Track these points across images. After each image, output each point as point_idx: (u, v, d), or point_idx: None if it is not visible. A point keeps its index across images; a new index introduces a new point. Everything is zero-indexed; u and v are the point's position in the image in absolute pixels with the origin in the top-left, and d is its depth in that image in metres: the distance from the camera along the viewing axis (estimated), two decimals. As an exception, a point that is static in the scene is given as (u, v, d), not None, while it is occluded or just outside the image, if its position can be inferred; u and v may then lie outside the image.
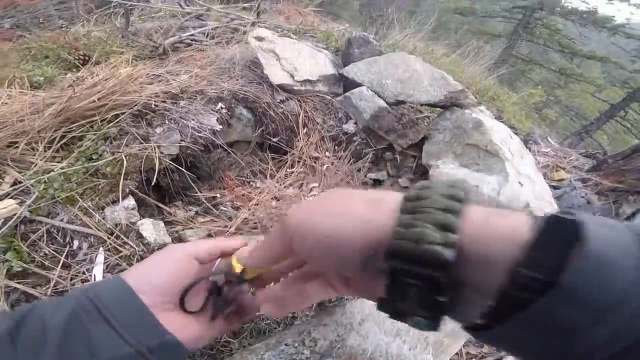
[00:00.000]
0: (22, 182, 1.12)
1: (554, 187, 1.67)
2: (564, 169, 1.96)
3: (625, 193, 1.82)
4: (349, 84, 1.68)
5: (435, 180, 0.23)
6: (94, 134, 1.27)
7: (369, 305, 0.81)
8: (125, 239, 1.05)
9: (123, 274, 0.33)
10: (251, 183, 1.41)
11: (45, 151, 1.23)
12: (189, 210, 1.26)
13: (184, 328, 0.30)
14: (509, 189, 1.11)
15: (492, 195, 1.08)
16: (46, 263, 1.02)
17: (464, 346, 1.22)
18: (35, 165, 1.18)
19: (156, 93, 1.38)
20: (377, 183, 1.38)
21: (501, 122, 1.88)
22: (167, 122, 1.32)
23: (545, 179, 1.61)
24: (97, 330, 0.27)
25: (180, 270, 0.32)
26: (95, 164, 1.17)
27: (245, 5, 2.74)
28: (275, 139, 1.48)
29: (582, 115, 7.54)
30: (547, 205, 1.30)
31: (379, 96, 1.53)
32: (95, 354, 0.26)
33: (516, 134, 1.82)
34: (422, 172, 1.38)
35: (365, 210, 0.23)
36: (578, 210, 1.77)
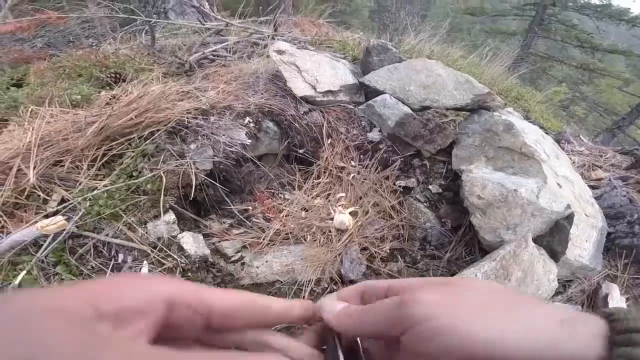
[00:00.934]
0: (69, 200, 1.19)
1: (592, 187, 1.59)
2: (600, 167, 1.87)
3: (668, 189, 1.71)
4: (370, 93, 1.69)
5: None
6: (133, 152, 1.33)
7: None
8: (168, 252, 1.09)
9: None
10: (280, 195, 1.43)
11: (88, 169, 1.31)
12: (224, 223, 1.30)
13: None
14: (548, 191, 1.07)
15: (531, 199, 1.05)
16: (93, 276, 1.07)
17: None
18: (80, 183, 1.25)
19: (188, 110, 1.45)
20: (406, 190, 1.37)
21: (530, 122, 1.83)
22: (200, 138, 1.38)
23: (583, 178, 1.55)
24: None
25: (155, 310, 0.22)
26: (136, 181, 1.23)
27: (262, 19, 2.83)
28: (301, 151, 1.50)
29: (611, 111, 7.19)
30: (588, 206, 1.25)
31: (404, 103, 1.52)
32: None
33: (547, 133, 1.76)
34: (453, 178, 1.36)
35: (559, 331, 0.20)
36: (620, 209, 1.65)
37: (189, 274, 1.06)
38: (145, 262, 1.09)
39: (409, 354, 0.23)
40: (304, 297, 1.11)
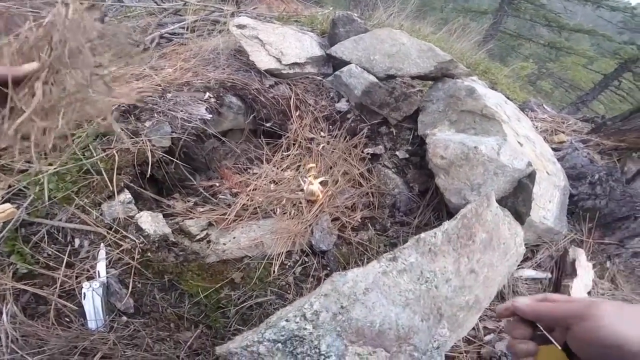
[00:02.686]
0: (15, 186, 1.10)
1: (555, 150, 1.65)
2: (563, 132, 1.94)
3: (628, 151, 1.79)
4: (338, 64, 1.66)
5: None
6: (84, 132, 1.25)
7: (373, 273, 0.75)
8: (125, 233, 1.03)
9: None
10: (248, 170, 1.39)
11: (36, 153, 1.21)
12: (188, 201, 1.25)
13: None
14: (509, 148, 1.09)
15: (492, 156, 1.06)
16: (50, 263, 1.01)
17: (480, 320, 1.20)
18: (28, 168, 1.16)
19: (142, 88, 1.36)
20: (374, 158, 1.36)
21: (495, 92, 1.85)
22: (155, 115, 1.30)
23: (545, 142, 1.59)
24: None
25: None
26: (87, 161, 1.16)
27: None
28: (268, 124, 1.46)
29: (576, 87, 7.51)
30: (549, 164, 1.29)
31: (369, 72, 1.50)
32: None
33: (512, 101, 1.80)
34: (420, 143, 1.36)
35: None
36: (581, 169, 1.69)
37: (149, 254, 1.01)
38: (102, 244, 1.03)
39: (577, 339, 0.33)
40: (273, 271, 1.09)
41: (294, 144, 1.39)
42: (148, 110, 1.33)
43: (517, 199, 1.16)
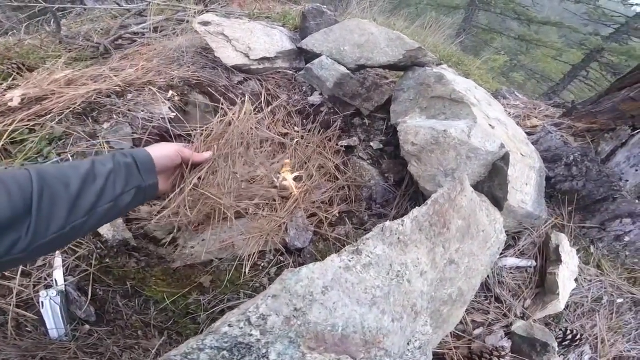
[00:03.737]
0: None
1: (528, 134, 1.66)
2: (536, 117, 1.97)
3: (600, 132, 1.82)
4: (310, 58, 1.62)
5: None
6: (37, 137, 1.16)
7: (333, 269, 0.66)
8: (81, 240, 0.96)
9: (146, 148, 0.71)
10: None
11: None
12: (154, 205, 1.17)
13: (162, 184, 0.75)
14: (480, 131, 1.07)
15: (463, 139, 1.04)
16: (6, 273, 0.93)
17: (467, 314, 1.17)
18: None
19: (99, 90, 1.28)
20: (349, 150, 1.33)
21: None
22: (114, 116, 1.23)
23: (518, 126, 1.60)
24: (133, 173, 0.64)
25: (173, 156, 0.78)
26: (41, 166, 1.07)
27: (194, -2, 2.62)
28: (238, 122, 1.39)
29: (547, 78, 7.79)
30: (523, 146, 1.28)
31: (340, 63, 1.47)
32: (129, 183, 0.62)
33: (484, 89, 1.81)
34: (393, 133, 1.33)
35: None
36: (556, 151, 1.67)
37: (107, 260, 0.94)
38: (58, 252, 0.95)
39: None
40: (245, 273, 1.03)
41: (266, 140, 1.33)
42: (106, 111, 1.25)
43: (493, 182, 1.14)
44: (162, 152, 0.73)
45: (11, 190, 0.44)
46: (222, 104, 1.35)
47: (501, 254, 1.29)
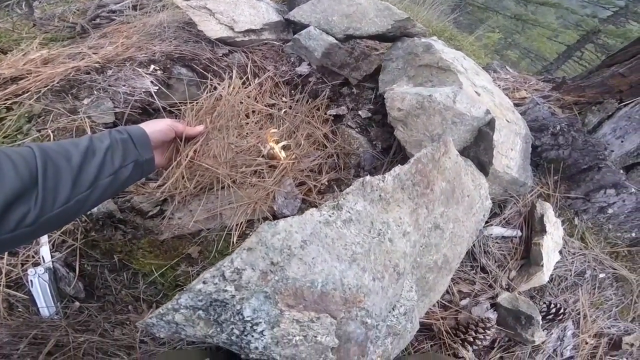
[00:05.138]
0: None
1: (517, 105, 1.65)
2: (525, 90, 1.96)
3: (588, 105, 1.82)
4: (298, 29, 1.59)
5: None
6: (15, 115, 1.14)
7: (312, 223, 0.63)
8: (64, 213, 0.95)
9: (140, 125, 0.75)
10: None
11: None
12: (147, 180, 1.16)
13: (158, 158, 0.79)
14: (465, 96, 1.06)
15: (448, 104, 1.03)
16: None
17: (454, 284, 1.16)
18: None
19: (77, 67, 1.25)
20: (337, 119, 1.32)
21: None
22: (95, 92, 1.20)
23: (506, 97, 1.59)
24: (129, 147, 0.66)
25: (166, 130, 0.81)
26: (20, 142, 1.05)
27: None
28: (223, 95, 1.37)
29: (541, 57, 7.73)
30: (509, 113, 1.28)
31: (328, 34, 1.45)
32: (126, 158, 0.64)
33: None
34: (382, 102, 1.32)
35: None
36: (543, 122, 1.65)
37: (93, 233, 0.93)
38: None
39: None
40: (233, 242, 1.04)
41: (253, 112, 1.32)
42: (86, 87, 1.22)
43: (478, 148, 1.15)
44: (155, 127, 0.75)
45: (16, 162, 0.45)
46: (210, 78, 1.33)
47: (487, 222, 1.29)
